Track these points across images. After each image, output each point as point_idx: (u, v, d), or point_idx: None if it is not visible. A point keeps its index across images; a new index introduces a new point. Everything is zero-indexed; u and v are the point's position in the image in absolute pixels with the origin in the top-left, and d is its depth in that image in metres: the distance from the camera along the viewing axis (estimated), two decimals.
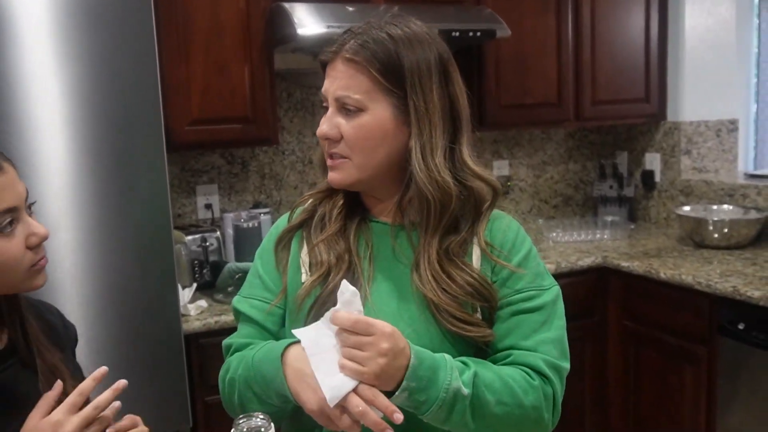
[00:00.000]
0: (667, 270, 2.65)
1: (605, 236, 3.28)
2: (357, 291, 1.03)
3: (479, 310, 1.15)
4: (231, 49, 2.54)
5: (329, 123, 1.14)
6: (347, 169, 1.15)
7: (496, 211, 1.23)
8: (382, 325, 1.00)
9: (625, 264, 2.83)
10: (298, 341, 1.07)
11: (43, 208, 1.85)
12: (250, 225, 2.69)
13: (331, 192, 1.24)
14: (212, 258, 2.67)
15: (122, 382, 1.04)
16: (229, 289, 2.51)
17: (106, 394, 1.02)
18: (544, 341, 1.14)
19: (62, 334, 1.23)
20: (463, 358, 1.10)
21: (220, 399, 2.23)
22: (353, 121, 1.12)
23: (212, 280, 2.61)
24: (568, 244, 3.22)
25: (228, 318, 2.29)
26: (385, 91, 1.12)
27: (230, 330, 2.24)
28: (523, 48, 3.06)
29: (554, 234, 3.29)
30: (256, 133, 2.64)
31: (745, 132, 3.69)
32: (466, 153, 1.17)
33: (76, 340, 1.29)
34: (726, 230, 2.91)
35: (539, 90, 3.15)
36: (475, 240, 1.18)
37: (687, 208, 3.17)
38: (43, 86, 1.85)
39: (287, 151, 3.08)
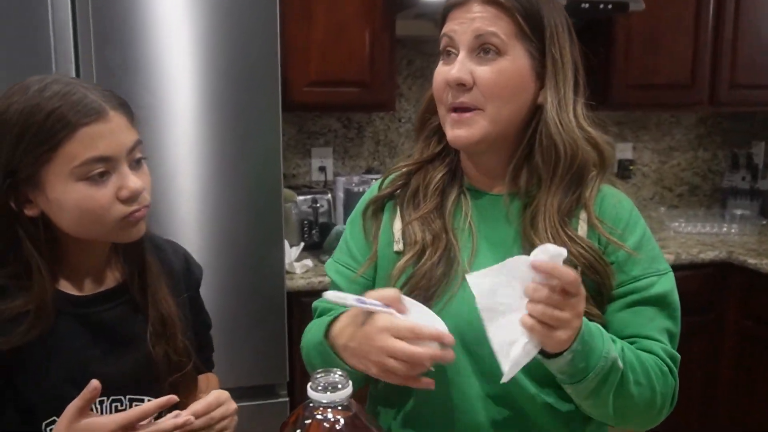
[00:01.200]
0: None
1: (732, 230, 3.07)
2: (563, 254, 0.90)
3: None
4: (353, 12, 2.54)
5: (461, 67, 1.06)
6: (478, 122, 1.08)
7: (606, 186, 1.16)
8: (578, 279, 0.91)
9: (752, 261, 2.63)
10: (337, 317, 1.06)
11: (163, 155, 1.94)
12: (361, 189, 2.71)
13: (426, 163, 1.20)
14: (322, 219, 2.71)
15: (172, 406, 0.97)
16: None
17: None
18: (663, 331, 1.10)
19: (182, 280, 1.23)
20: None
21: None
22: (491, 65, 1.06)
23: (320, 240, 2.65)
24: (690, 235, 3.04)
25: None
26: (525, 39, 1.08)
27: None
28: (656, 23, 2.88)
29: (676, 224, 3.11)
30: (372, 98, 2.64)
31: None
32: (583, 116, 1.13)
33: (198, 283, 1.30)
34: None
35: (671, 70, 2.96)
36: (582, 212, 1.12)
37: None
38: (170, 39, 1.92)
39: (404, 118, 3.06)
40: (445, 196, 1.17)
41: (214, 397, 1.02)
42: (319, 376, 0.81)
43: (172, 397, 0.96)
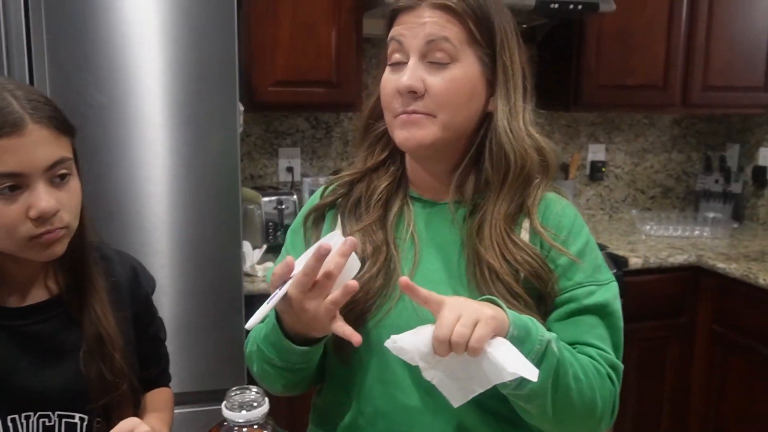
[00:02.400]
0: (767, 275, 2.43)
1: (704, 234, 3.06)
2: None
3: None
4: (319, 10, 2.50)
5: (412, 74, 1.03)
6: (429, 126, 1.04)
7: (551, 194, 1.14)
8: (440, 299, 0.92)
9: (721, 265, 2.61)
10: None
11: (117, 155, 1.89)
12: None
13: (370, 172, 1.16)
14: (287, 221, 2.65)
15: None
16: None
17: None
18: (603, 339, 1.07)
19: (128, 293, 1.18)
20: None
21: None
22: (443, 73, 1.03)
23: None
24: (661, 238, 3.02)
25: None
26: (476, 45, 1.05)
27: None
28: (628, 24, 2.86)
29: (647, 227, 3.10)
30: (339, 98, 2.59)
31: None
32: (531, 122, 1.10)
33: (147, 297, 1.24)
34: None
35: (643, 71, 2.93)
36: (525, 220, 1.09)
37: None
38: (125, 38, 1.87)
39: None
40: (388, 206, 1.14)
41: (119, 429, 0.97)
42: (234, 394, 0.77)
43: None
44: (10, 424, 1.02)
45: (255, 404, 0.75)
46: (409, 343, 0.89)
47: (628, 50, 2.89)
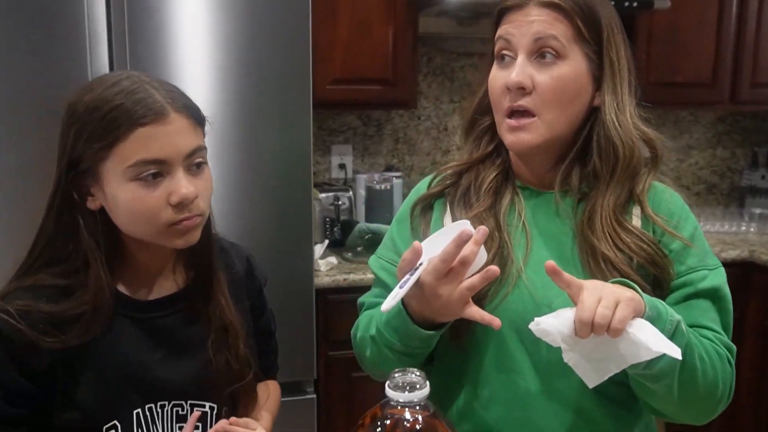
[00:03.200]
0: None
1: (751, 229, 3.06)
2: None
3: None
4: (376, 9, 2.54)
5: (521, 71, 1.06)
6: (536, 128, 1.08)
7: (657, 183, 1.17)
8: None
9: None
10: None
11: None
12: (383, 187, 2.70)
13: (477, 163, 1.20)
14: (343, 217, 2.70)
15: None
16: (359, 248, 2.54)
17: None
18: (717, 322, 1.10)
19: (245, 285, 1.22)
20: None
21: (341, 354, 2.28)
22: (550, 70, 1.06)
23: (342, 238, 2.65)
24: (709, 234, 3.03)
25: (356, 276, 2.32)
26: (583, 42, 1.07)
27: (358, 288, 2.30)
28: (678, 21, 2.87)
29: None
30: (395, 96, 2.63)
31: None
32: (637, 115, 1.14)
33: (260, 289, 1.28)
34: None
35: (692, 68, 2.95)
36: (635, 207, 1.12)
37: None
38: (201, 37, 1.91)
39: (423, 116, 3.05)
40: (498, 196, 1.17)
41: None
42: (396, 375, 0.80)
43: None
44: (147, 413, 1.05)
45: (417, 386, 0.79)
46: (552, 325, 0.92)
47: (678, 47, 2.91)
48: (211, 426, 1.09)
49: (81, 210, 1.01)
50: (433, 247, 0.98)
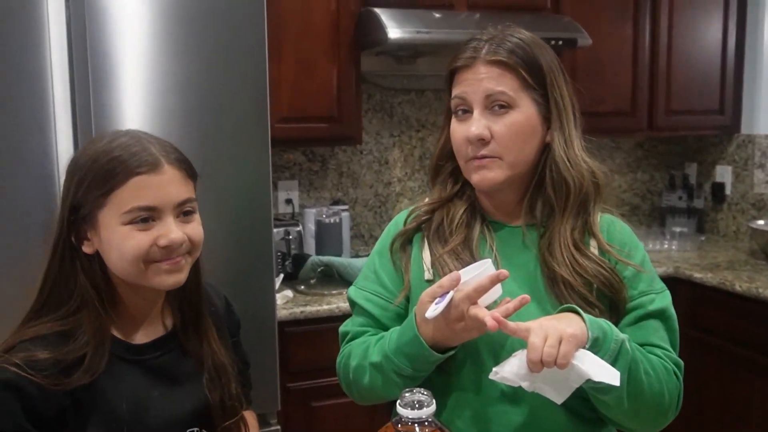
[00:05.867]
0: (742, 283, 2.66)
1: (674, 247, 3.29)
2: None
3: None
4: (320, 49, 2.64)
5: (479, 124, 1.19)
6: (498, 168, 1.20)
7: (607, 216, 1.31)
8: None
9: (697, 275, 2.83)
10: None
11: None
12: (332, 221, 2.79)
13: (446, 202, 1.31)
14: (294, 251, 2.76)
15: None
16: (312, 281, 2.61)
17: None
18: (666, 340, 1.22)
19: (226, 323, 1.29)
20: None
21: (300, 385, 2.33)
22: (504, 119, 1.19)
23: (294, 271, 2.71)
24: None
25: (312, 308, 2.38)
26: (529, 89, 1.20)
27: (315, 320, 2.37)
28: (598, 56, 3.10)
29: None
30: (341, 132, 2.73)
31: None
32: (583, 148, 1.27)
33: (239, 325, 1.35)
34: None
35: (613, 98, 3.18)
36: (591, 240, 1.25)
37: (761, 222, 3.17)
38: (161, 78, 1.95)
39: (365, 150, 3.16)
40: (470, 229, 1.28)
41: None
42: (407, 394, 0.89)
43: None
44: None
45: (425, 404, 0.87)
46: (508, 371, 1.06)
47: (599, 80, 3.13)
48: None
49: (79, 254, 1.08)
50: (465, 279, 1.10)
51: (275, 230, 2.68)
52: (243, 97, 2.03)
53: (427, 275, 1.26)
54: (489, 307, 1.11)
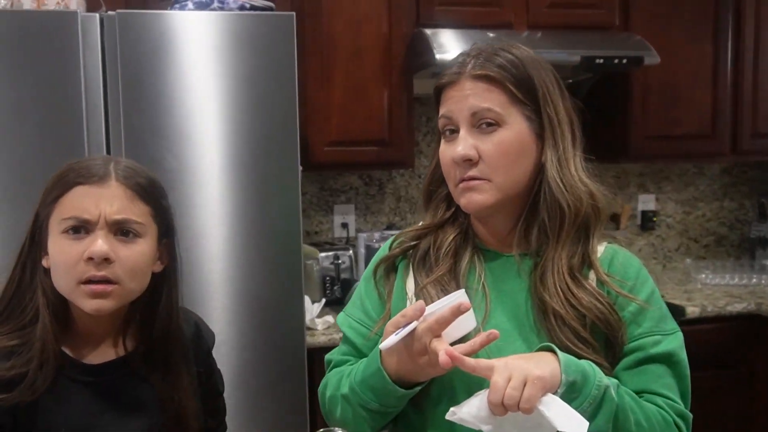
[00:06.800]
0: None
1: (762, 281, 3.02)
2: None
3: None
4: (371, 73, 2.62)
5: (465, 144, 1.10)
6: (488, 190, 1.11)
7: (614, 246, 1.19)
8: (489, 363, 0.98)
9: None
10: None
11: (186, 216, 1.99)
12: (381, 246, 2.73)
13: (436, 228, 1.22)
14: (344, 275, 2.73)
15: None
16: None
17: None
18: (671, 388, 1.10)
19: (192, 348, 1.24)
20: None
21: None
22: (492, 137, 1.09)
23: (342, 296, 2.67)
24: (717, 287, 2.99)
25: None
26: (519, 104, 1.11)
27: None
28: (673, 76, 2.90)
29: (703, 275, 3.07)
30: (391, 156, 2.68)
31: None
32: (582, 168, 1.16)
33: (208, 351, 1.30)
34: None
35: (690, 121, 2.97)
36: (590, 272, 1.14)
37: None
38: (194, 106, 1.99)
39: (423, 174, 3.10)
40: (458, 257, 1.19)
41: None
42: None
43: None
44: None
45: None
46: (467, 413, 0.96)
47: (674, 101, 2.93)
48: None
49: (40, 266, 1.08)
50: (432, 311, 1.03)
51: (324, 254, 2.69)
52: (272, 123, 2.03)
53: (409, 305, 1.18)
54: (462, 341, 1.03)
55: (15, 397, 1.01)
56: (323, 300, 2.54)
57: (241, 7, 2.09)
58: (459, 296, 1.04)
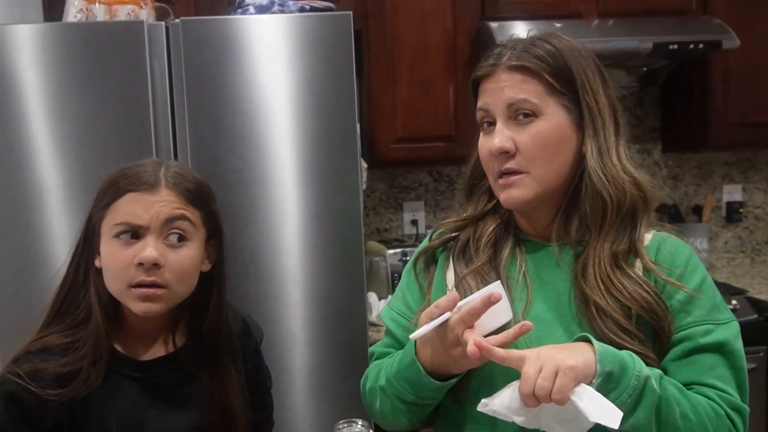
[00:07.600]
0: None
1: None
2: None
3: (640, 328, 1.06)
4: (436, 68, 2.62)
5: (501, 136, 1.09)
6: (526, 184, 1.10)
7: (663, 234, 1.15)
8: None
9: None
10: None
11: (250, 215, 2.05)
12: None
13: (477, 219, 1.22)
14: None
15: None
16: None
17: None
18: (725, 380, 1.05)
19: (240, 344, 1.28)
20: None
21: None
22: (529, 129, 1.08)
23: None
24: None
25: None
26: (557, 95, 1.09)
27: None
28: (756, 60, 2.75)
29: None
30: (458, 152, 2.65)
31: None
32: (626, 157, 1.13)
33: (256, 346, 1.33)
34: None
35: None
36: (636, 261, 1.11)
37: None
38: (255, 108, 2.04)
39: None
40: (498, 248, 1.18)
41: None
42: (342, 427, 0.83)
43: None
44: None
45: None
46: (499, 404, 0.95)
47: (758, 86, 2.78)
48: None
49: (93, 266, 1.13)
50: (466, 301, 1.03)
51: (392, 251, 2.70)
52: (333, 121, 2.05)
53: None
54: (497, 332, 1.02)
55: (70, 393, 1.07)
56: (390, 297, 2.56)
57: (301, 9, 2.13)
58: (494, 287, 1.04)
